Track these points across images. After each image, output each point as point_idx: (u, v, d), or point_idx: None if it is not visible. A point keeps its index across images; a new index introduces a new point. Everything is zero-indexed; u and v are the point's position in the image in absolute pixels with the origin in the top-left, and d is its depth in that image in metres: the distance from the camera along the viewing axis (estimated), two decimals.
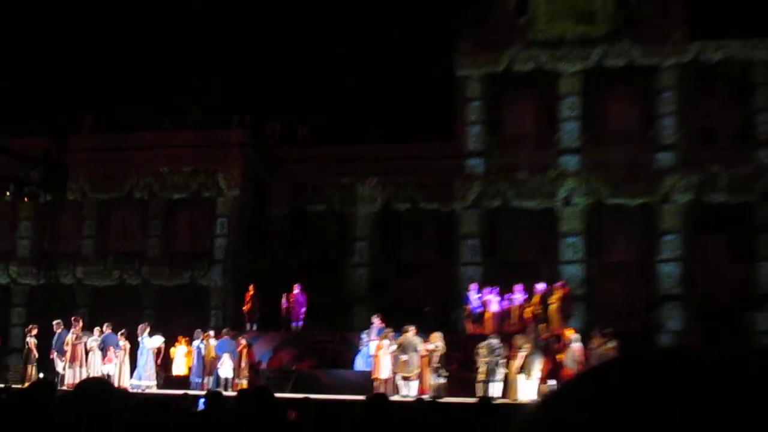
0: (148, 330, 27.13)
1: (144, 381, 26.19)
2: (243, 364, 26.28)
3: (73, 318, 28.05)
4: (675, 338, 32.75)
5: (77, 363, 26.74)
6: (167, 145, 36.55)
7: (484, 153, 35.64)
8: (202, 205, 36.57)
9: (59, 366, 26.92)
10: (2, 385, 22.24)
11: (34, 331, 28.56)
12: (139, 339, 26.85)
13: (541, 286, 27.82)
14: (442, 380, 23.80)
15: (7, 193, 34.12)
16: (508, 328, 26.42)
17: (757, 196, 33.58)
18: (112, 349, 26.76)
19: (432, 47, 36.88)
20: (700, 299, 33.45)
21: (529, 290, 27.98)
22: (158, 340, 27.13)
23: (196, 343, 27.23)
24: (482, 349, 23.39)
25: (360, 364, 25.98)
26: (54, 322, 27.88)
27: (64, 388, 24.75)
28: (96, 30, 45.69)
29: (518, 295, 27.90)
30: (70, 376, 26.47)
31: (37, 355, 27.96)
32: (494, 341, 23.28)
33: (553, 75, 35.41)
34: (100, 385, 5.78)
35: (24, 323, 33.33)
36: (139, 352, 26.70)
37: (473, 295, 28.71)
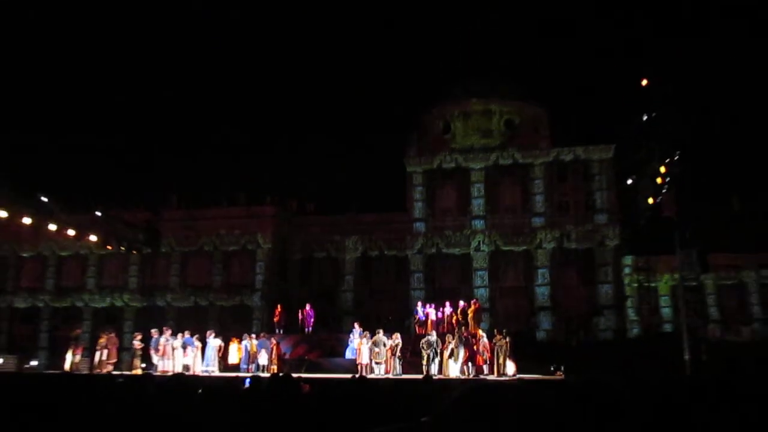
0: (213, 335, 26.76)
1: (210, 367, 25.80)
2: (274, 356, 25.77)
3: (164, 327, 27.80)
4: (548, 334, 32.95)
5: (167, 357, 26.41)
6: (225, 216, 36.54)
7: (425, 219, 35.97)
8: (247, 254, 36.40)
9: (155, 359, 26.51)
10: (118, 372, 22.29)
11: (139, 337, 27.66)
12: (207, 340, 26.50)
13: (462, 303, 27.81)
14: (400, 364, 23.73)
15: (122, 248, 33.90)
16: (441, 330, 26.32)
17: (595, 244, 34.15)
18: (189, 347, 26.33)
19: (391, 154, 37.59)
20: (562, 309, 33.79)
21: (455, 305, 28.05)
22: (218, 341, 26.65)
23: (244, 342, 26.53)
24: (425, 343, 23.33)
25: (348, 354, 25.50)
26: (152, 330, 27.63)
27: (158, 373, 24.67)
28: (175, 140, 46.00)
29: (448, 309, 27.71)
30: (161, 366, 26.14)
31: (140, 353, 27.45)
32: (432, 338, 23.02)
33: (466, 170, 35.87)
34: (180, 376, 5.94)
35: (132, 332, 32.85)
36: (206, 349, 26.33)
37: (419, 309, 28.63)
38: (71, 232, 31.69)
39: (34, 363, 34.30)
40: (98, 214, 32.38)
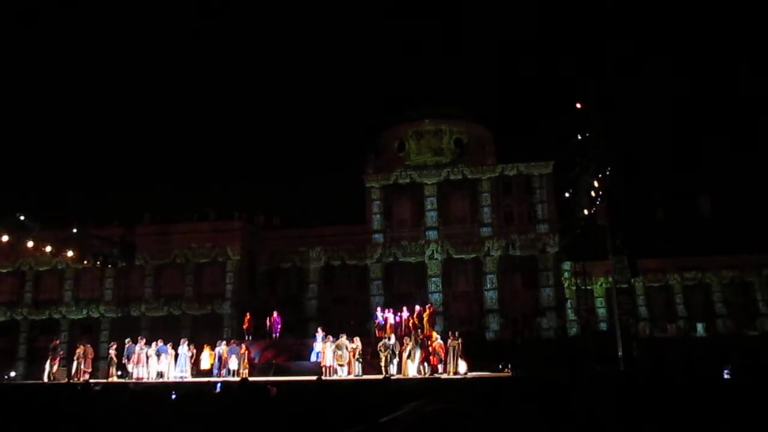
0: (185, 342, 26.38)
1: (182, 374, 25.47)
2: (244, 361, 25.62)
3: (139, 337, 27.29)
4: (496, 334, 33.19)
5: (141, 365, 25.95)
6: (196, 231, 36.09)
7: (383, 231, 36.11)
8: (218, 266, 35.99)
9: (130, 367, 26.01)
10: (95, 381, 21.80)
11: (114, 346, 27.14)
12: (179, 348, 26.13)
13: (417, 308, 27.92)
14: (361, 365, 23.72)
15: (98, 263, 33.31)
16: (400, 333, 26.38)
17: (537, 251, 34.67)
18: (163, 354, 25.92)
19: (351, 171, 37.72)
20: (508, 311, 34.17)
21: (411, 310, 28.14)
22: (189, 348, 26.21)
23: (217, 348, 26.50)
24: (382, 346, 23.30)
25: (313, 357, 25.36)
26: (126, 340, 27.06)
27: (133, 380, 24.18)
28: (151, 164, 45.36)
29: (405, 313, 27.78)
30: (136, 373, 25.66)
31: (116, 361, 26.90)
32: (390, 341, 23.00)
33: (420, 185, 36.13)
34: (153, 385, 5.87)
35: (108, 341, 32.14)
36: (179, 356, 25.91)
37: (379, 314, 28.66)
38: (48, 248, 30.95)
39: (12, 374, 33.21)
40: (74, 230, 31.71)
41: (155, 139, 52.86)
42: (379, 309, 28.97)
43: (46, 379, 25.34)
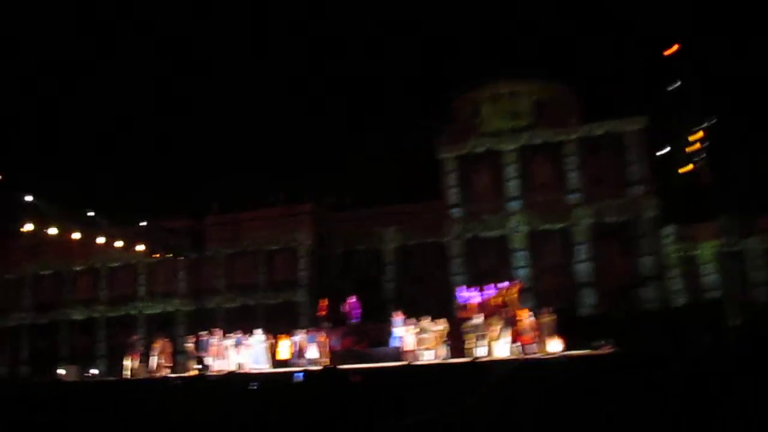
0: (260, 332, 27.10)
1: (260, 364, 26.29)
2: (324, 349, 26.24)
3: (214, 329, 28.24)
4: (591, 309, 32.60)
5: (219, 357, 26.88)
6: (265, 217, 36.88)
7: (461, 204, 35.89)
8: (289, 252, 36.72)
9: (208, 360, 26.93)
10: (174, 375, 22.78)
11: (192, 340, 28.59)
12: (254, 338, 26.89)
13: (503, 284, 27.88)
14: (447, 349, 23.96)
15: (169, 255, 34.73)
16: (486, 312, 26.37)
17: (633, 216, 33.69)
18: (240, 346, 26.77)
19: (424, 144, 37.39)
20: (604, 284, 33.46)
21: (497, 288, 28.05)
22: (265, 338, 26.81)
23: (294, 338, 27.18)
24: (469, 327, 23.50)
25: (394, 342, 25.80)
26: (201, 332, 28.06)
27: (212, 373, 25.13)
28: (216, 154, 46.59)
29: (490, 291, 27.89)
30: (215, 366, 26.60)
31: (195, 354, 28.08)
32: (476, 321, 23.30)
33: (498, 153, 35.61)
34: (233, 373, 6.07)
35: (185, 335, 33.34)
36: (255, 347, 26.64)
37: (461, 293, 28.76)
38: (119, 244, 32.49)
39: (94, 371, 35.20)
40: (144, 224, 33.07)
41: (217, 126, 54.31)
42: (461, 288, 28.97)
43: (126, 375, 26.67)
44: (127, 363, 27.30)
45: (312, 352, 25.86)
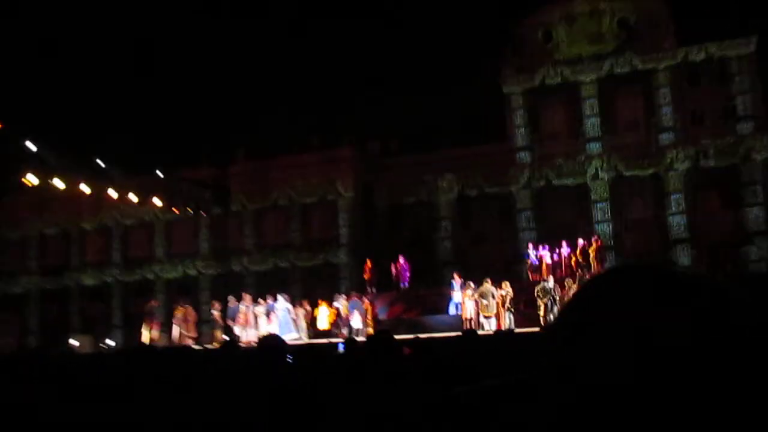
0: (286, 298, 27.54)
1: (297, 334, 26.81)
2: (368, 317, 26.61)
3: (243, 294, 28.85)
4: (687, 270, 32.25)
5: (249, 326, 27.50)
6: (299, 165, 37.10)
7: (530, 147, 35.61)
8: (327, 206, 37.09)
9: (236, 329, 27.56)
10: (199, 347, 23.35)
11: (217, 306, 29.32)
12: (278, 305, 27.41)
13: (581, 242, 27.84)
14: (513, 317, 24.06)
15: (189, 210, 35.26)
16: (560, 274, 26.47)
17: (739, 159, 32.97)
18: (273, 313, 27.26)
19: (485, 76, 37.01)
20: (703, 240, 33.03)
21: (573, 245, 28.06)
22: (288, 306, 27.24)
23: (335, 304, 27.60)
24: (540, 291, 23.60)
25: (452, 309, 26.06)
26: (228, 299, 28.68)
27: (242, 345, 25.77)
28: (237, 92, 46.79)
29: (565, 250, 27.91)
30: (244, 336, 27.19)
31: (221, 323, 28.77)
32: (548, 284, 23.34)
33: (575, 85, 35.09)
34: (275, 337, 6.11)
35: (209, 302, 34.05)
36: (281, 315, 26.90)
37: (531, 252, 28.84)
38: (133, 198, 33.18)
39: (110, 342, 36.43)
40: (160, 174, 33.61)
41: (243, 61, 54.43)
42: (531, 246, 29.04)
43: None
44: (146, 333, 28.16)
45: (355, 321, 26.24)
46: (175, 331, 27.87)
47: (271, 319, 27.06)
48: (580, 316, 0.97)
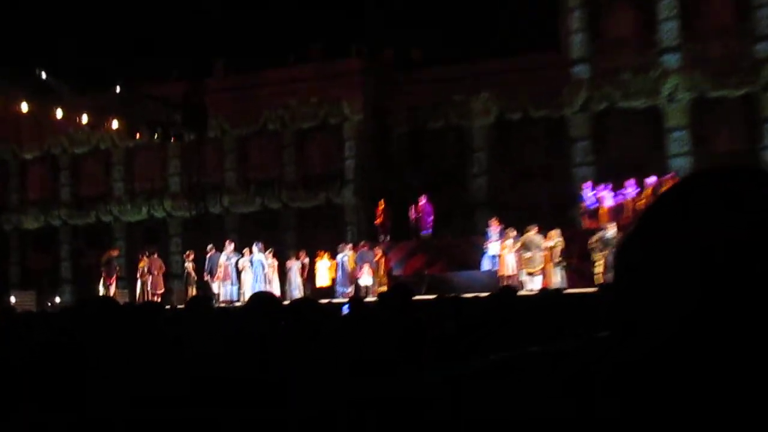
0: (262, 248, 27.95)
1: (293, 291, 27.08)
2: (381, 273, 26.77)
3: (226, 241, 29.11)
4: None
5: (229, 282, 27.79)
6: (293, 79, 36.93)
7: (588, 59, 35.20)
8: (330, 132, 37.05)
9: (214, 286, 27.90)
10: (168, 306, 23.58)
11: (191, 257, 29.57)
12: (255, 256, 27.78)
13: (651, 180, 27.57)
14: (563, 273, 24.09)
15: (156, 136, 35.17)
16: (623, 221, 26.37)
17: None
18: (260, 266, 27.55)
19: None
20: None
21: (641, 184, 27.89)
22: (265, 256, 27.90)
23: (339, 256, 27.72)
24: (597, 242, 23.56)
25: (486, 264, 26.08)
26: (207, 248, 28.96)
27: (221, 305, 26.01)
28: None
29: (630, 190, 27.75)
30: (224, 293, 27.54)
31: (195, 278, 29.00)
32: (608, 234, 23.19)
33: None
34: (269, 295, 6.15)
35: (182, 251, 34.09)
36: (259, 270, 27.51)
37: (587, 193, 28.69)
38: (85, 119, 33.13)
39: (57, 300, 36.78)
40: (119, 90, 33.48)
41: None
42: (587, 185, 28.89)
43: None
44: (102, 289, 28.38)
45: (364, 278, 26.44)
46: (139, 287, 28.16)
47: (243, 277, 27.33)
48: (643, 244, 0.94)
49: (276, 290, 27.21)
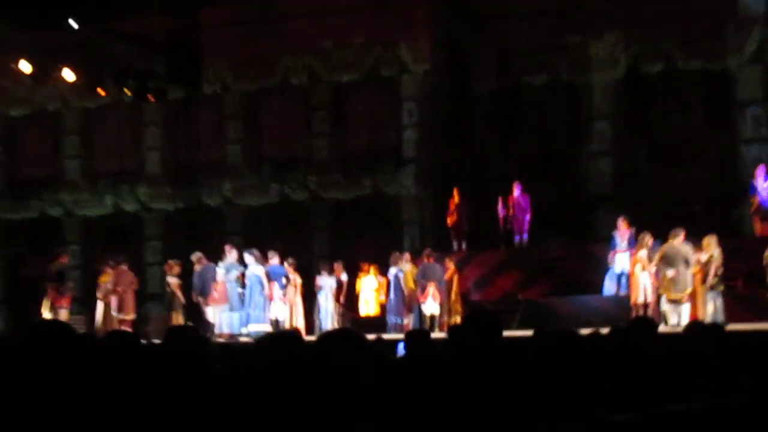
0: (275, 258, 27.78)
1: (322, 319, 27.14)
2: (453, 296, 26.66)
3: (227, 247, 28.93)
4: None
5: (227, 305, 27.61)
6: (328, 10, 36.97)
7: None
8: (381, 88, 36.85)
9: (209, 312, 27.74)
10: (143, 341, 23.69)
11: (177, 270, 29.34)
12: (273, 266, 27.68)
13: None
14: (721, 300, 23.74)
15: (127, 91, 35.26)
16: None
17: None
18: (275, 284, 27.50)
19: None
20: None
21: None
22: (255, 269, 27.42)
23: (393, 271, 27.59)
24: None
25: (609, 286, 26.17)
26: (192, 257, 28.83)
27: (220, 340, 26.04)
28: None
29: None
30: (221, 323, 27.47)
31: (183, 300, 28.91)
32: None
33: None
34: (290, 335, 6.05)
35: (161, 260, 34.33)
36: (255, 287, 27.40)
37: (761, 183, 28.45)
38: (26, 68, 33.45)
39: None
40: (75, 26, 33.74)
41: None
42: (762, 172, 28.68)
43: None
44: (47, 313, 28.62)
45: (429, 303, 26.52)
46: (100, 310, 28.32)
47: (274, 293, 27.29)
48: None
49: (298, 320, 27.26)
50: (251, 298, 27.10)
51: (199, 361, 5.79)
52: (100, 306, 28.29)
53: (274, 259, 27.86)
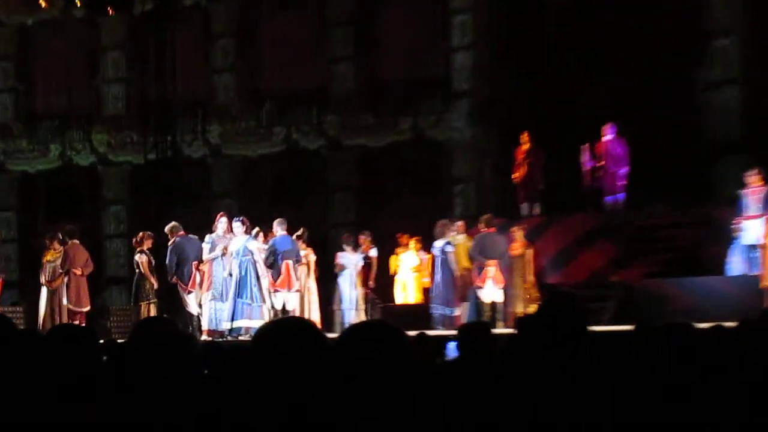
0: (282, 228, 27.02)
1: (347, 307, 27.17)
2: (526, 275, 26.67)
3: (218, 216, 28.59)
4: None
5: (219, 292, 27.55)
6: None
7: None
8: (423, 12, 36.95)
9: (190, 298, 27.54)
10: (101, 341, 23.80)
11: (148, 243, 29.07)
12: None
13: None
14: None
15: (77, 2, 35.35)
16: None
17: None
18: (288, 263, 27.34)
19: None
20: None
21: None
22: (242, 241, 26.78)
23: (439, 244, 27.46)
24: None
25: (737, 263, 26.06)
26: (167, 227, 28.63)
27: (204, 337, 26.04)
28: None
29: None
30: (210, 316, 27.26)
31: (156, 285, 28.82)
32: None
33: None
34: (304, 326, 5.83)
35: (126, 231, 34.90)
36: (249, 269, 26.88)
37: None
38: None
39: None
40: None
41: None
42: None
43: None
44: None
45: (489, 288, 26.30)
46: (44, 297, 28.44)
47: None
48: None
49: (312, 311, 27.24)
50: (243, 284, 26.67)
51: (177, 366, 5.79)
52: (44, 293, 28.30)
53: (281, 231, 27.27)
